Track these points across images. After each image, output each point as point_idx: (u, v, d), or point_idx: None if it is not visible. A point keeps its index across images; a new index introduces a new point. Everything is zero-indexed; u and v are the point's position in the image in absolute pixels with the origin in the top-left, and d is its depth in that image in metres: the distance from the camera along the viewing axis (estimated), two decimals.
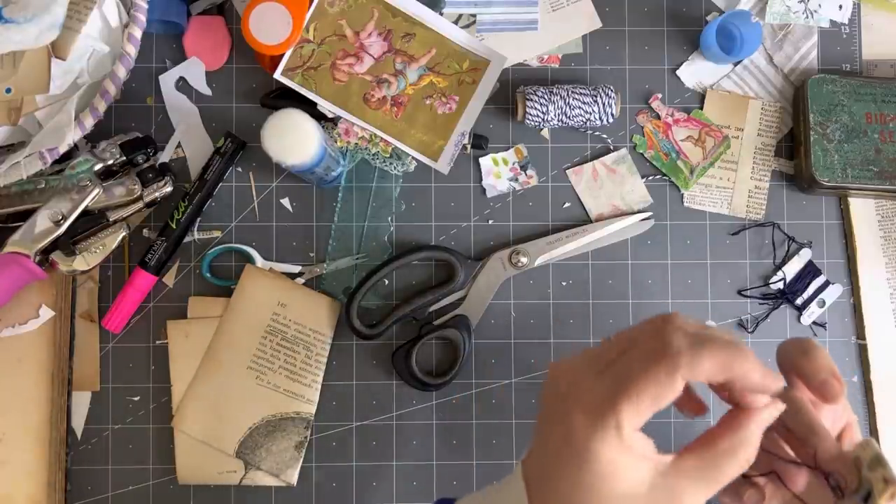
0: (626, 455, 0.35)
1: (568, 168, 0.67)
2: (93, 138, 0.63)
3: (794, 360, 0.42)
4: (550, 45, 0.68)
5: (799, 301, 0.66)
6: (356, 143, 0.65)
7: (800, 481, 0.39)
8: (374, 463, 0.65)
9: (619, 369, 0.37)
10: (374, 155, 0.66)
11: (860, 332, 0.66)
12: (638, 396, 0.35)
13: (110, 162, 0.63)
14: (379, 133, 0.65)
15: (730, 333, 0.38)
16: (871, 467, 0.36)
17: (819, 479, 0.38)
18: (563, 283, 0.66)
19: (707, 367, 0.35)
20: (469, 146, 0.65)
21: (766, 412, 0.38)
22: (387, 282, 0.66)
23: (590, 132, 0.67)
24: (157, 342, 0.65)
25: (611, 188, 0.67)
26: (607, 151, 0.67)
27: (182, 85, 0.67)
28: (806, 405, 0.40)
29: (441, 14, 0.66)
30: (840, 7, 0.68)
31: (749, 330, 0.66)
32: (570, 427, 0.36)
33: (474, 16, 0.67)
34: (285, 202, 0.66)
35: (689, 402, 0.42)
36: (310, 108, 0.64)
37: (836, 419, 0.42)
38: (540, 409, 0.40)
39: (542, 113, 0.64)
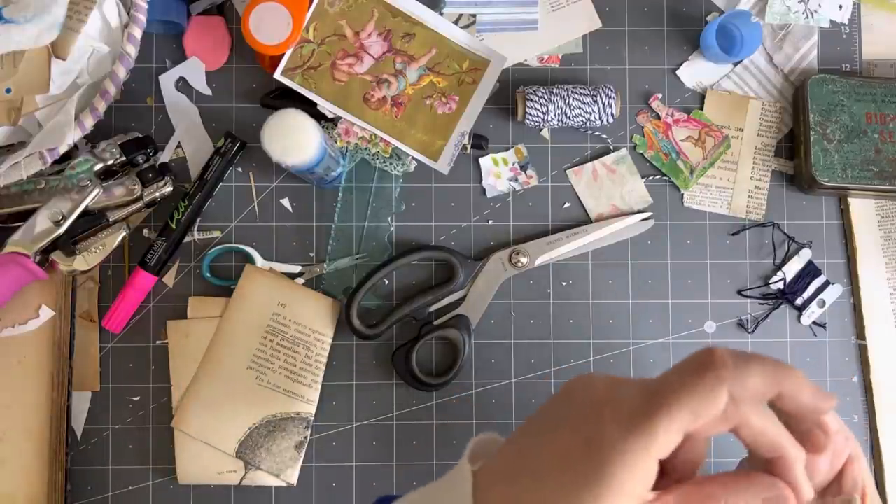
0: (639, 475, 0.32)
1: (568, 168, 0.67)
2: (93, 138, 0.63)
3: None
4: (550, 45, 0.68)
5: (799, 301, 0.66)
6: (356, 143, 0.65)
7: None
8: (374, 463, 0.65)
9: (659, 381, 0.34)
10: (374, 155, 0.66)
11: (860, 332, 0.66)
12: (677, 406, 0.32)
13: (110, 162, 0.63)
14: (379, 133, 0.65)
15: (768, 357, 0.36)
16: None
17: None
18: (563, 283, 0.66)
19: (755, 380, 0.33)
20: (469, 146, 0.65)
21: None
22: (387, 282, 0.66)
23: (590, 132, 0.67)
24: (157, 342, 0.65)
25: (611, 188, 0.67)
26: (607, 151, 0.67)
27: (182, 85, 0.67)
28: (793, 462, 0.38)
29: (441, 14, 0.66)
30: (840, 7, 0.68)
31: (749, 330, 0.66)
32: (596, 432, 0.33)
33: (474, 16, 0.67)
34: (285, 202, 0.67)
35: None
36: (310, 108, 0.64)
37: (836, 453, 0.40)
38: (552, 407, 0.38)
39: (542, 113, 0.64)
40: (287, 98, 0.65)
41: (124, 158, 0.63)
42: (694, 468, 0.36)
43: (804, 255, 0.67)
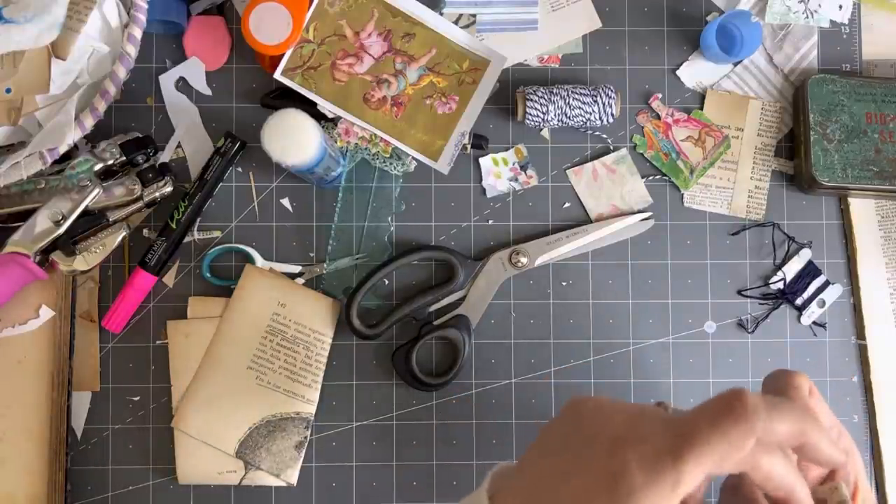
0: None
1: (568, 168, 0.67)
2: (93, 138, 0.63)
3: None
4: (550, 45, 0.68)
5: (799, 301, 0.66)
6: (356, 143, 0.65)
7: None
8: (374, 463, 0.65)
9: (687, 421, 0.34)
10: (374, 155, 0.66)
11: (860, 332, 0.66)
12: (706, 452, 0.32)
13: (110, 162, 0.63)
14: (379, 133, 0.65)
15: (795, 403, 0.37)
16: None
17: None
18: (563, 283, 0.66)
19: (783, 429, 0.34)
20: (469, 146, 0.65)
21: None
22: (387, 282, 0.66)
23: (590, 132, 0.67)
24: (157, 342, 0.65)
25: (611, 188, 0.67)
26: (607, 151, 0.67)
27: (182, 85, 0.67)
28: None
29: (441, 14, 0.66)
30: (840, 7, 0.68)
31: (749, 330, 0.66)
32: (619, 472, 0.33)
33: (474, 16, 0.67)
34: (285, 202, 0.67)
35: None
36: (310, 108, 0.64)
37: None
38: (561, 430, 0.38)
39: (542, 113, 0.64)
40: (287, 98, 0.65)
41: (124, 158, 0.63)
42: (700, 490, 0.36)
43: (804, 255, 0.67)
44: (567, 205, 0.67)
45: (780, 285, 0.66)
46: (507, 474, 0.41)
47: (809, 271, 0.67)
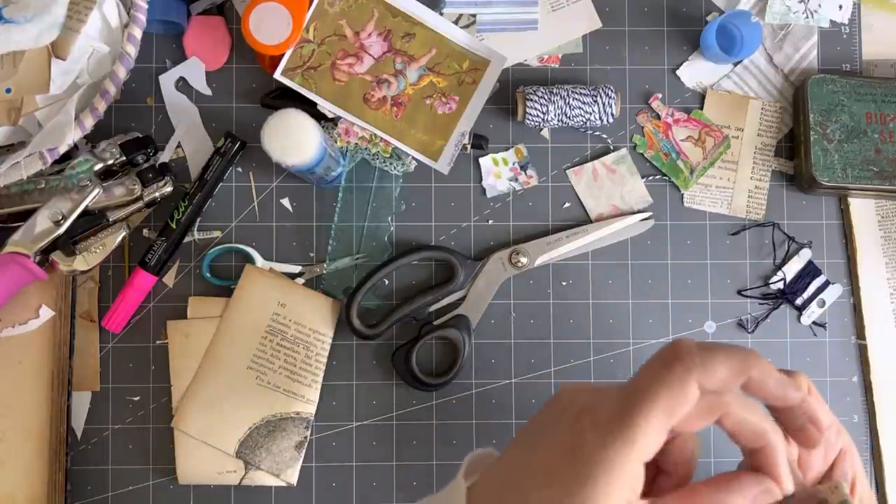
0: (624, 480, 0.32)
1: (568, 168, 0.67)
2: (93, 138, 0.63)
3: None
4: (550, 45, 0.68)
5: (799, 301, 0.66)
6: (356, 143, 0.65)
7: None
8: (374, 463, 0.65)
9: (633, 380, 0.34)
10: (374, 155, 0.66)
11: (860, 332, 0.66)
12: (650, 405, 0.32)
13: (110, 162, 0.63)
14: (379, 133, 0.65)
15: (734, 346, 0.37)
16: None
17: None
18: (563, 283, 0.66)
19: (721, 370, 0.33)
20: (469, 146, 0.65)
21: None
22: (387, 282, 0.66)
23: (590, 132, 0.67)
24: (157, 342, 0.65)
25: (611, 188, 0.67)
26: (607, 151, 0.67)
27: (182, 85, 0.67)
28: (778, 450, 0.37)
29: (441, 14, 0.66)
30: (840, 7, 0.68)
31: (749, 330, 0.66)
32: (577, 441, 0.33)
33: (474, 16, 0.67)
34: (285, 202, 0.67)
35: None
36: (310, 108, 0.64)
37: (828, 447, 0.40)
38: (539, 419, 0.38)
39: (542, 113, 0.64)
40: (287, 98, 0.65)
41: (124, 158, 0.63)
42: (688, 467, 0.36)
43: (804, 255, 0.67)
44: (567, 205, 0.67)
45: (780, 285, 0.66)
46: (486, 460, 0.41)
47: (809, 271, 0.67)
